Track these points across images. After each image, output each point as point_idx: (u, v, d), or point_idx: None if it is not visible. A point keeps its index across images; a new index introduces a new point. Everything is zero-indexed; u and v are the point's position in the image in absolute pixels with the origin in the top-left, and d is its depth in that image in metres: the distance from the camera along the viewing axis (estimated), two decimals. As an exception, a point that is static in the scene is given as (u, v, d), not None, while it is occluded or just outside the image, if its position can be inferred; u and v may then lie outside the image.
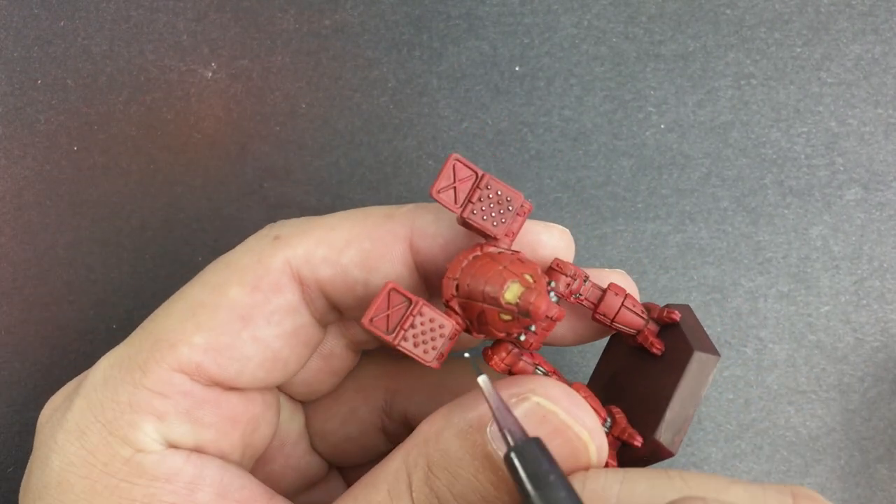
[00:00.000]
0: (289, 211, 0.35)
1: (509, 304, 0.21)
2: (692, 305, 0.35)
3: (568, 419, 0.21)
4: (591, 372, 0.29)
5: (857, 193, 0.35)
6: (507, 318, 0.22)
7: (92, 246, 0.34)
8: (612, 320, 0.25)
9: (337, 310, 0.26)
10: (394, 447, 0.31)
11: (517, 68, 0.35)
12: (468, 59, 0.35)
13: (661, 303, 0.35)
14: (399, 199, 0.35)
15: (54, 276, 0.34)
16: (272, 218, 0.34)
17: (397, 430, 0.30)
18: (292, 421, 0.29)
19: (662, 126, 0.35)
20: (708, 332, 0.34)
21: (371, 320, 0.22)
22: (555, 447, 0.21)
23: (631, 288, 0.26)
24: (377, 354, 0.30)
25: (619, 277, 0.26)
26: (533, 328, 0.23)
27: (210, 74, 0.34)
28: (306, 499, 0.30)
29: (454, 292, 0.23)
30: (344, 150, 0.35)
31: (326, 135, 0.35)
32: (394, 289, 0.22)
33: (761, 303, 0.35)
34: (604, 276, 0.26)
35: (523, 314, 0.21)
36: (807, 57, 0.35)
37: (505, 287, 0.21)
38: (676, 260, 0.35)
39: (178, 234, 0.34)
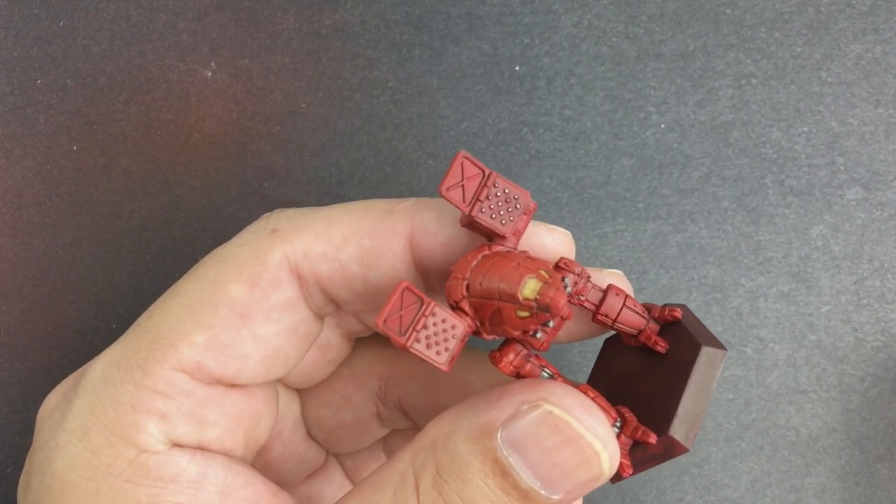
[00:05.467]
0: (289, 211, 0.35)
1: (528, 299, 0.21)
2: (692, 305, 0.35)
3: (581, 429, 0.21)
4: (589, 369, 0.29)
5: (857, 193, 0.35)
6: (524, 314, 0.21)
7: (92, 246, 0.34)
8: (614, 321, 0.25)
9: (334, 303, 0.26)
10: (389, 432, 0.31)
11: (517, 68, 0.35)
12: (468, 59, 0.35)
13: (662, 303, 0.35)
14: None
15: (54, 276, 0.34)
16: (272, 218, 0.35)
17: (392, 416, 0.30)
18: (289, 408, 0.29)
19: (663, 126, 0.35)
20: (708, 332, 0.35)
21: (385, 321, 0.21)
22: (567, 456, 0.21)
23: (628, 289, 0.26)
24: (371, 340, 0.30)
25: (616, 278, 0.26)
26: (551, 324, 0.23)
27: (210, 74, 0.34)
28: (307, 489, 0.30)
29: (465, 292, 0.22)
30: (344, 150, 0.35)
31: (326, 135, 0.35)
32: (407, 288, 0.21)
33: (762, 302, 0.35)
34: (602, 277, 0.25)
35: (542, 309, 0.20)
36: (807, 56, 0.35)
37: (522, 283, 0.21)
38: (677, 259, 0.35)
39: (178, 234, 0.34)
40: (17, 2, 0.34)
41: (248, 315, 0.24)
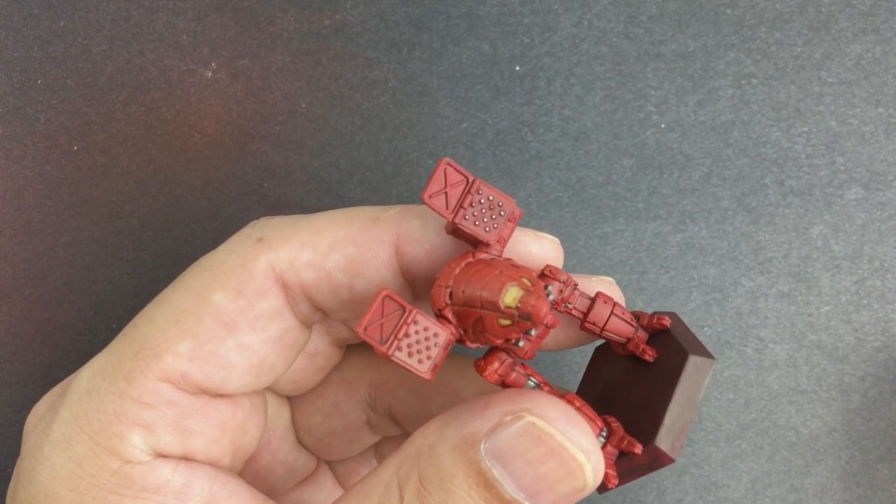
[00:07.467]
0: (288, 211, 0.35)
1: (509, 307, 0.20)
2: (692, 305, 0.35)
3: (563, 440, 0.21)
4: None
5: (857, 193, 0.35)
6: (505, 323, 0.21)
7: (92, 246, 0.34)
8: (602, 329, 0.25)
9: (321, 311, 0.26)
10: (379, 440, 0.31)
11: (517, 68, 0.35)
12: (468, 59, 0.35)
13: (662, 302, 0.35)
14: (399, 199, 0.35)
15: (54, 276, 0.34)
16: (272, 218, 0.34)
17: (382, 424, 0.30)
18: (278, 416, 0.29)
19: (663, 126, 0.35)
20: (708, 333, 0.35)
21: (365, 329, 0.21)
22: (550, 468, 0.21)
23: (618, 296, 0.25)
24: (362, 348, 0.30)
25: (606, 286, 0.25)
26: (533, 332, 0.23)
27: (210, 74, 0.34)
28: (297, 496, 0.30)
29: (448, 300, 0.22)
30: (344, 150, 0.35)
31: (326, 135, 0.35)
32: (388, 296, 0.21)
33: (762, 302, 0.35)
34: (591, 285, 0.25)
35: (524, 318, 0.20)
36: (807, 56, 0.35)
37: (504, 291, 0.20)
38: (677, 260, 0.35)
39: (178, 234, 0.34)
40: (17, 2, 0.34)
41: (234, 324, 0.24)
